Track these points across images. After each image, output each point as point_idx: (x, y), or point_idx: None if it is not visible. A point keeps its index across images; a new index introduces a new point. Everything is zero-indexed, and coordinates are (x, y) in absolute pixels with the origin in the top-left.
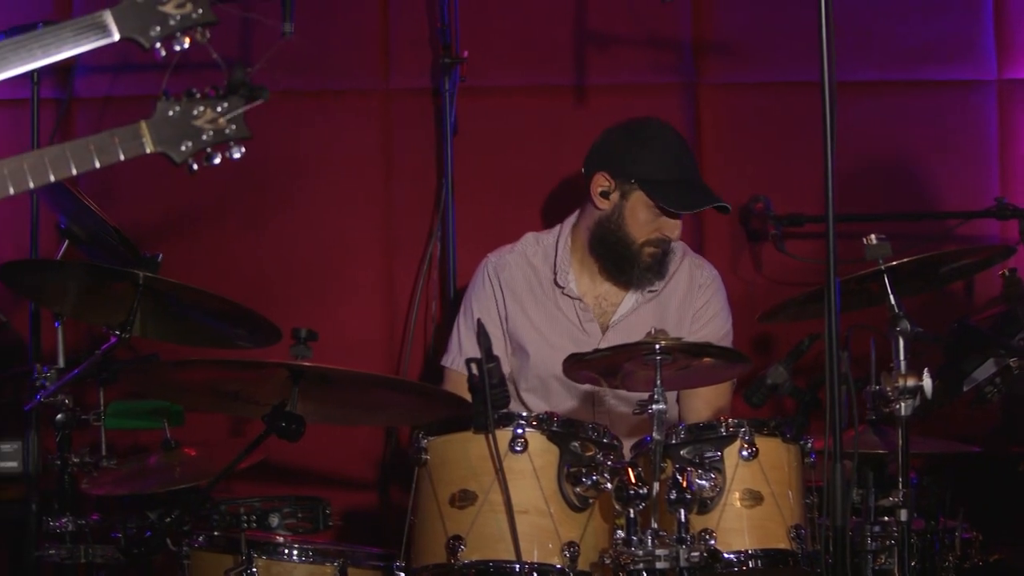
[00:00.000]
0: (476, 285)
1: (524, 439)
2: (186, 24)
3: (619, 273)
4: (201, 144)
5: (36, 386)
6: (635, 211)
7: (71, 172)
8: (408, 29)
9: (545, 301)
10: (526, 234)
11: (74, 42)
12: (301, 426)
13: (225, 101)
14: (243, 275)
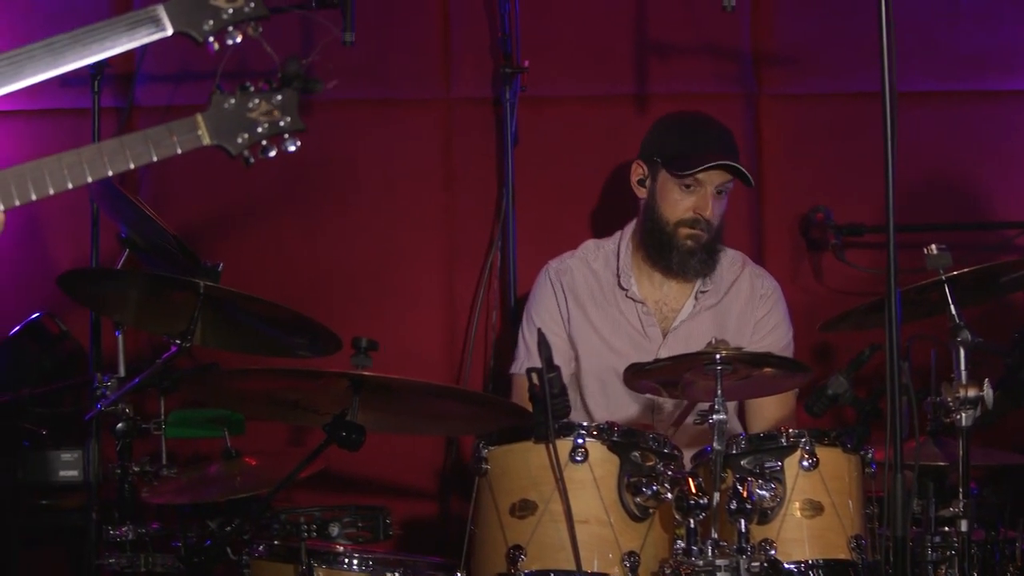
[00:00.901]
0: (538, 292)
1: (584, 449)
2: (238, 18)
3: (661, 259)
4: (256, 136)
5: (97, 395)
6: (664, 190)
7: (128, 165)
8: (469, 39)
9: (607, 306)
10: (586, 241)
11: (128, 36)
12: (361, 436)
13: (279, 93)
14: (303, 284)
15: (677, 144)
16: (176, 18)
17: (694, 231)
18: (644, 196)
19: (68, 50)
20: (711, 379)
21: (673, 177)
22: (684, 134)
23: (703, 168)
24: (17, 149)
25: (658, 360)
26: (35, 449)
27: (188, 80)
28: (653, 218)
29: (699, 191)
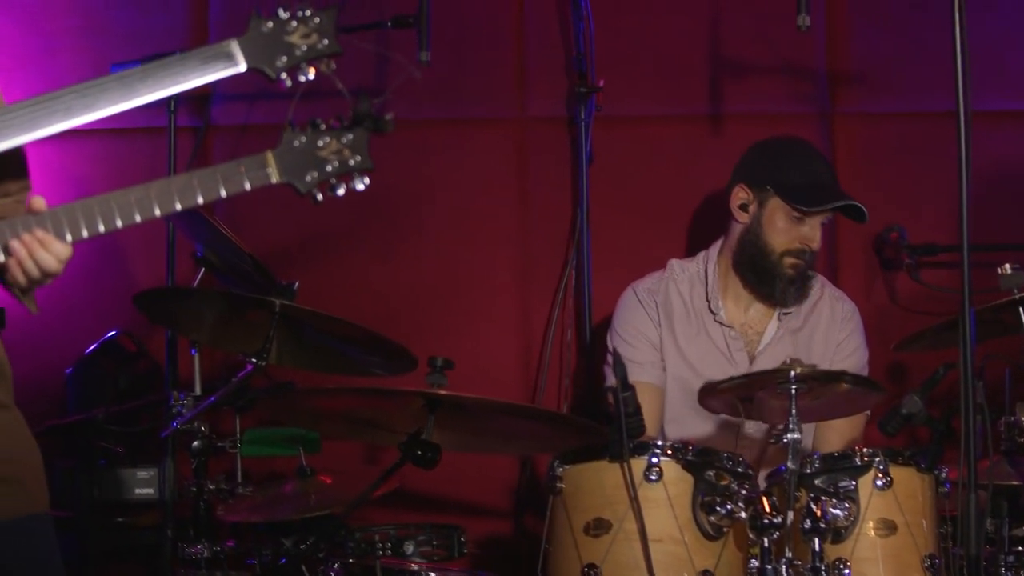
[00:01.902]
0: (628, 311)
1: (659, 468)
2: (312, 55)
3: (761, 286)
4: (326, 175)
5: (172, 413)
6: (773, 218)
7: (197, 201)
8: (544, 58)
9: (695, 330)
10: (670, 262)
11: (201, 71)
12: (436, 454)
13: (350, 132)
14: (378, 303)
15: (795, 176)
16: (250, 54)
17: (798, 261)
18: (745, 221)
19: (141, 84)
20: (785, 398)
21: (789, 208)
22: (800, 166)
23: (829, 207)
24: (93, 168)
25: (732, 378)
26: (111, 467)
27: (263, 100)
28: (757, 244)
29: (809, 222)
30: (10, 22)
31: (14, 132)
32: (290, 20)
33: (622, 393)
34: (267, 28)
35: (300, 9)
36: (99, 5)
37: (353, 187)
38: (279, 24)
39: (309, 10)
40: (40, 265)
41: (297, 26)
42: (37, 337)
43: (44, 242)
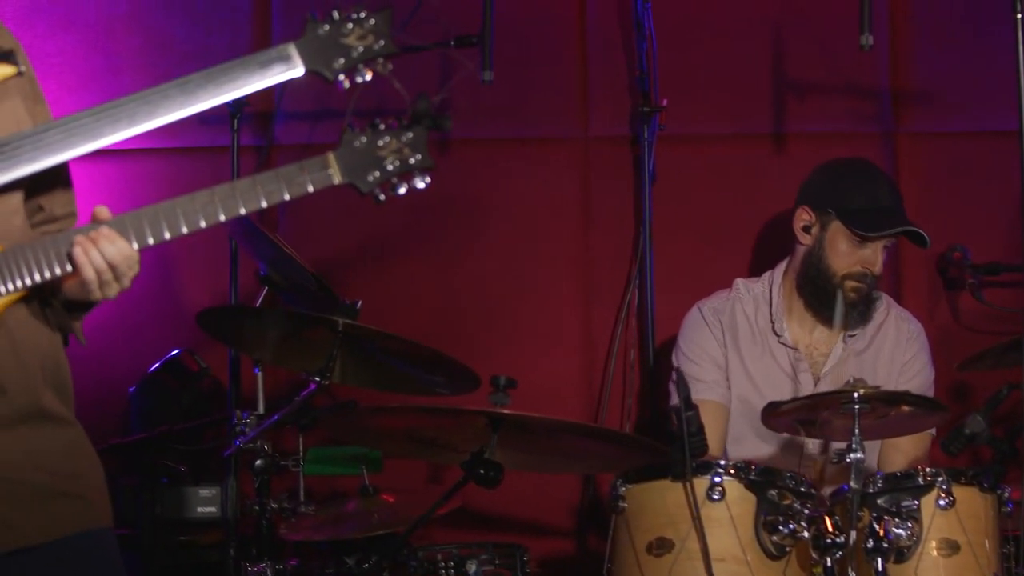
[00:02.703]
0: (693, 330)
1: (722, 487)
2: (368, 56)
3: (822, 308)
4: (387, 174)
5: (235, 432)
6: (835, 242)
7: (261, 204)
8: (607, 77)
9: (760, 351)
10: (735, 281)
11: (260, 75)
12: (499, 473)
13: (409, 131)
14: (441, 321)
15: (857, 199)
16: (307, 56)
17: (860, 284)
18: (808, 243)
19: (201, 90)
20: (848, 418)
21: (852, 233)
22: (863, 190)
23: (889, 233)
24: (157, 187)
25: (796, 398)
26: (174, 485)
27: (326, 118)
28: (819, 267)
29: (871, 246)
30: (74, 42)
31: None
32: (345, 22)
33: (685, 412)
34: (323, 31)
35: (355, 11)
36: (162, 24)
37: (414, 186)
38: (335, 26)
39: (364, 12)
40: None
41: (353, 28)
42: (100, 355)
43: (109, 236)
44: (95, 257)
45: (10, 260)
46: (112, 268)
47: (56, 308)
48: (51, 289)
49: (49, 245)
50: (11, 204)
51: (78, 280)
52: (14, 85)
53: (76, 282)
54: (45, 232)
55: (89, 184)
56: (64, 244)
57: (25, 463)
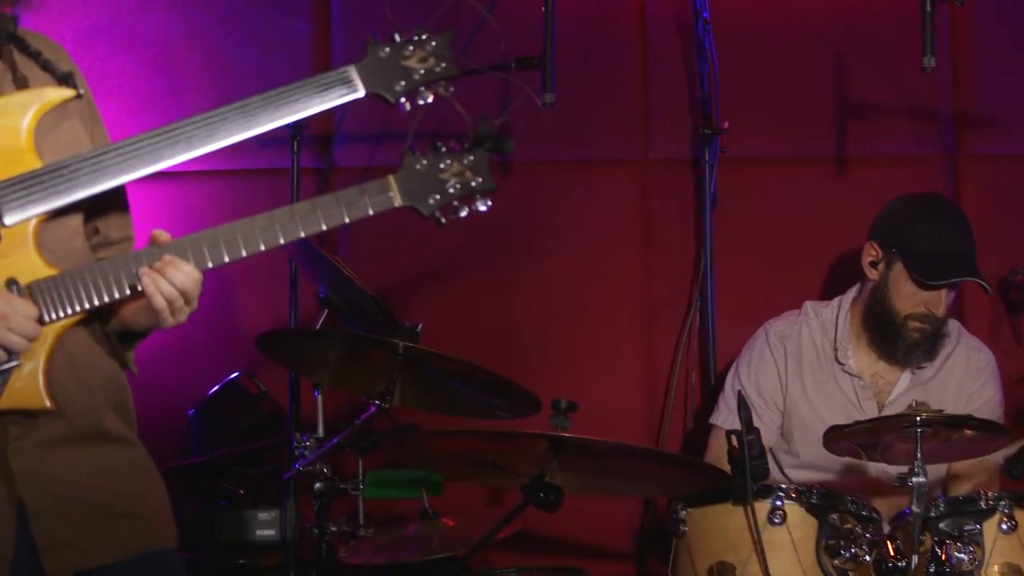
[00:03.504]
0: (755, 351)
1: (783, 511)
2: (430, 78)
3: (885, 346)
4: (448, 197)
5: (295, 455)
6: (898, 282)
7: (321, 227)
8: (668, 100)
9: (823, 378)
10: (805, 304)
11: (320, 98)
12: (560, 497)
13: (471, 154)
14: (502, 345)
15: (919, 242)
16: (368, 79)
17: (923, 325)
18: (875, 279)
19: (261, 112)
20: (910, 442)
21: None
22: (926, 232)
23: (948, 282)
24: (216, 209)
25: (859, 422)
26: (233, 508)
27: (386, 140)
28: (883, 305)
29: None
30: (134, 63)
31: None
32: (407, 44)
33: (746, 436)
34: (384, 53)
35: (416, 33)
36: (221, 45)
37: (476, 209)
38: (396, 48)
39: (425, 34)
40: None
41: (414, 50)
42: (160, 378)
43: (174, 264)
44: (164, 286)
45: (68, 284)
46: (183, 294)
47: (110, 337)
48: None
49: (107, 268)
50: (70, 227)
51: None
52: (73, 107)
53: (142, 311)
54: (101, 256)
55: (148, 206)
56: (122, 267)
57: (88, 484)
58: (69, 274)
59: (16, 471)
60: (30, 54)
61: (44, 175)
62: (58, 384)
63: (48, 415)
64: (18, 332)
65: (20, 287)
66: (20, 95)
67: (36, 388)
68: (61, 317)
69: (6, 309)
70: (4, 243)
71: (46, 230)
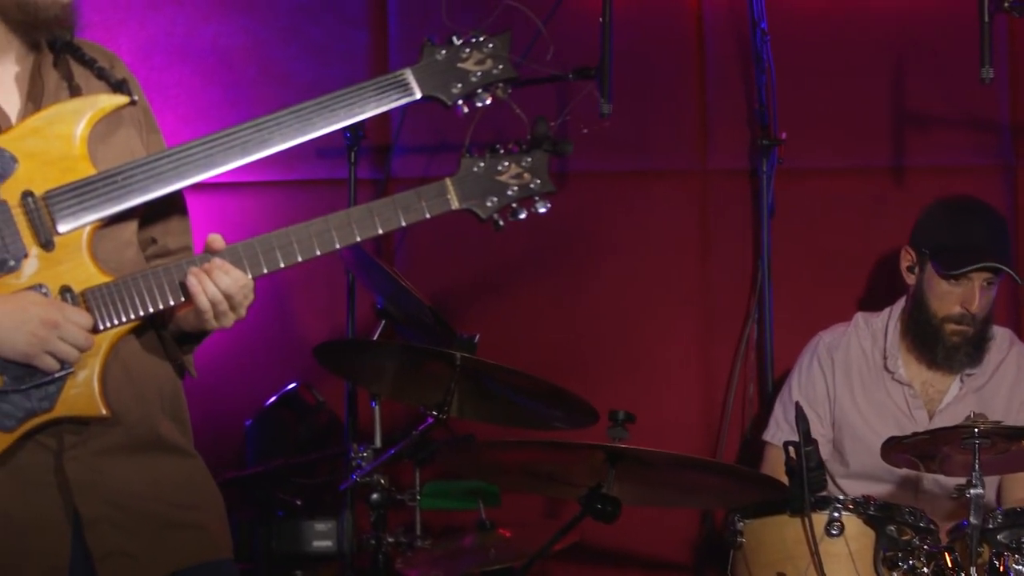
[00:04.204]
0: (804, 363)
1: (840, 523)
2: (487, 80)
3: (925, 350)
4: (507, 199)
5: (352, 466)
6: (931, 282)
7: (377, 231)
8: (726, 110)
9: (873, 387)
10: (856, 315)
11: (376, 101)
12: (617, 508)
13: (529, 155)
14: (559, 355)
15: (945, 238)
16: (424, 82)
17: (960, 327)
18: (913, 284)
19: (316, 116)
20: (968, 453)
21: (936, 270)
22: (953, 227)
23: (966, 270)
24: (274, 220)
25: (916, 433)
26: (290, 519)
27: (444, 151)
28: (921, 309)
29: (967, 285)
30: (191, 73)
31: (192, 170)
32: (463, 46)
33: (804, 447)
34: (441, 55)
35: (473, 35)
36: (278, 55)
37: (535, 211)
38: (453, 51)
39: (482, 36)
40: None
41: (471, 52)
42: (217, 389)
43: (223, 267)
44: (209, 287)
45: (122, 291)
46: (227, 298)
47: (167, 340)
48: (162, 320)
49: (161, 275)
50: (124, 235)
51: (192, 310)
52: (127, 114)
53: (190, 312)
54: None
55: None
56: (176, 274)
57: (144, 493)
58: (123, 281)
59: (72, 479)
60: (85, 62)
61: (98, 182)
62: (113, 392)
63: (103, 423)
64: (70, 341)
65: (74, 295)
66: (74, 102)
67: (91, 395)
68: (115, 325)
69: (58, 317)
70: (58, 251)
71: (100, 238)
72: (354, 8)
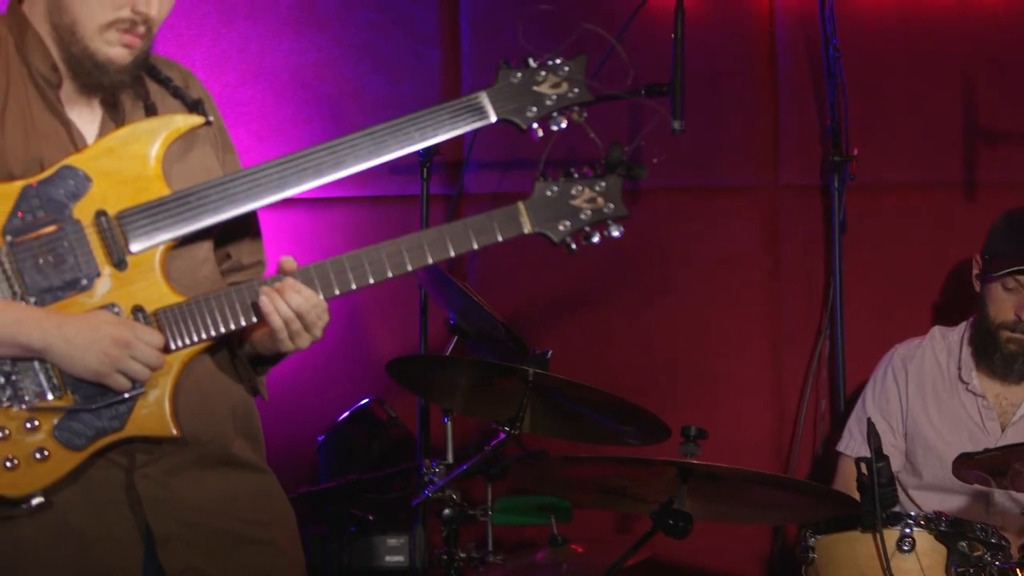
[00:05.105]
0: (879, 375)
1: (912, 538)
2: (562, 104)
3: (984, 358)
4: (580, 223)
5: (424, 481)
6: (990, 289)
7: (449, 254)
8: (797, 126)
9: (947, 399)
10: (933, 328)
11: (450, 125)
12: (689, 524)
13: (603, 180)
14: (631, 371)
15: (1002, 245)
16: (499, 105)
17: (1014, 334)
18: (979, 292)
19: (390, 139)
20: None
21: (987, 275)
22: (1009, 234)
23: (1009, 272)
24: (346, 236)
25: (987, 450)
26: (362, 534)
27: (516, 167)
28: (982, 316)
29: (1019, 292)
30: (264, 90)
31: (266, 191)
32: (539, 69)
33: (876, 463)
34: (516, 78)
35: (550, 58)
36: (350, 73)
37: (609, 235)
38: (528, 74)
39: (559, 58)
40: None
41: (547, 75)
42: (290, 404)
43: (295, 287)
44: (281, 307)
45: (194, 311)
46: (300, 317)
47: (241, 361)
48: (237, 341)
49: (233, 295)
50: (199, 254)
51: (268, 331)
52: (203, 133)
53: (266, 334)
54: (234, 281)
55: (278, 232)
56: (248, 294)
57: (216, 510)
58: (195, 301)
59: (143, 497)
60: (161, 81)
61: (171, 202)
62: (185, 410)
63: (175, 441)
64: (142, 360)
65: (146, 315)
66: (149, 122)
67: (162, 416)
68: (187, 345)
69: (130, 336)
70: (131, 270)
71: (174, 258)
72: (426, 25)
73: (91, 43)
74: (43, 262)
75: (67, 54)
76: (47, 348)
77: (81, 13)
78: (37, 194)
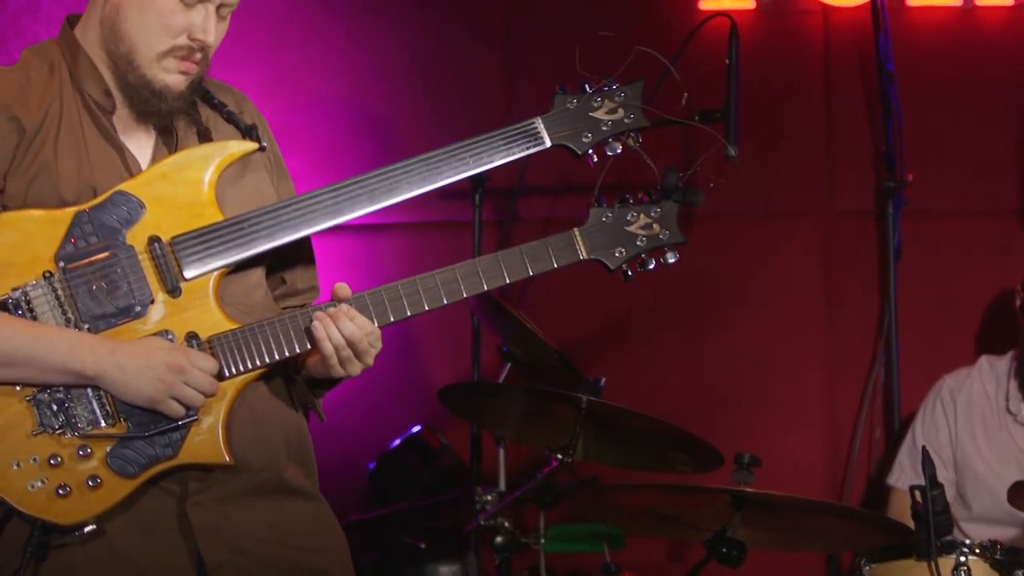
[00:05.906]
0: (928, 407)
1: (967, 567)
2: (618, 129)
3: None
4: (635, 250)
5: (476, 509)
6: None
7: (504, 280)
8: (852, 152)
9: (996, 429)
10: (981, 358)
11: (505, 151)
12: (743, 552)
13: (659, 206)
14: (684, 398)
15: None
16: (554, 131)
17: None
18: (1021, 323)
19: (444, 165)
20: None
21: None
22: None
23: None
24: (398, 262)
25: None
26: (414, 562)
27: (569, 192)
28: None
29: None
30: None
31: (319, 217)
32: (595, 95)
33: (931, 491)
34: (572, 104)
35: (606, 83)
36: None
37: (664, 262)
38: (584, 100)
39: (615, 84)
40: (346, 334)
41: (603, 101)
42: (341, 431)
43: (349, 313)
44: (333, 333)
45: (248, 338)
46: (352, 345)
47: (298, 384)
48: (294, 365)
49: (288, 322)
50: (252, 279)
51: (320, 357)
52: (257, 158)
53: (318, 359)
54: (287, 306)
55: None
56: (302, 320)
57: (269, 538)
58: (249, 328)
59: (196, 525)
60: (215, 106)
61: (224, 228)
62: (239, 437)
63: (228, 469)
64: (196, 386)
65: (200, 342)
66: (203, 148)
67: (215, 443)
68: (241, 372)
69: (184, 363)
70: (185, 296)
71: (227, 283)
72: (481, 50)
73: (148, 71)
74: (96, 288)
75: (123, 82)
76: (101, 375)
77: (139, 42)
78: (90, 220)
